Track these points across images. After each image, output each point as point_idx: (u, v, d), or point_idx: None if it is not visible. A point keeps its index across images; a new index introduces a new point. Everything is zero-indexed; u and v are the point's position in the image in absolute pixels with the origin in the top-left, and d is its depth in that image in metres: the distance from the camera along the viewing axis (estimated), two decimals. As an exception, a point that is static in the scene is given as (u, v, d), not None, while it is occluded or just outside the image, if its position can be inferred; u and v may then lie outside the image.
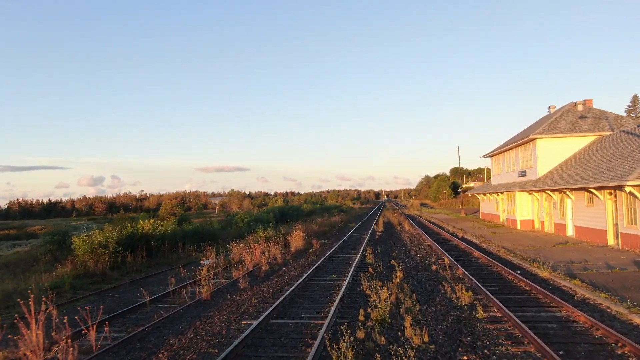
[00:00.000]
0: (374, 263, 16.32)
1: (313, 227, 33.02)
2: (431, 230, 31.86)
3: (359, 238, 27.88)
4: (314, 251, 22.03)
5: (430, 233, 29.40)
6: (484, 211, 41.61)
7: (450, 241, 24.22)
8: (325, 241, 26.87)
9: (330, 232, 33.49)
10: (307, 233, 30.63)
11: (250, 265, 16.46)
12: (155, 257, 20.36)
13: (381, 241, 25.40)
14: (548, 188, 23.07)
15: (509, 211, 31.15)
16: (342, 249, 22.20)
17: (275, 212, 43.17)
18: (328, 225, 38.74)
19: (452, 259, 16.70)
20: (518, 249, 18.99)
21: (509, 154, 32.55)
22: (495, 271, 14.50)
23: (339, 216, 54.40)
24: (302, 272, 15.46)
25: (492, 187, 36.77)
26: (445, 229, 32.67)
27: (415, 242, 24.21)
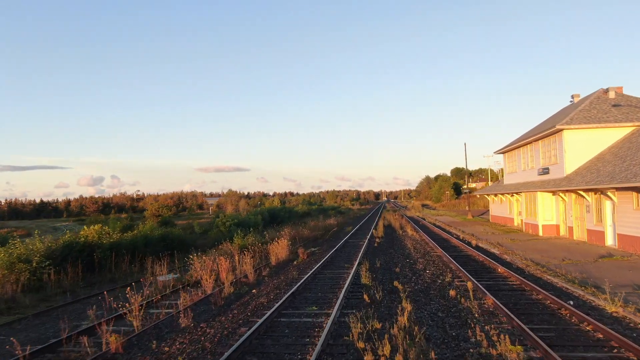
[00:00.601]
0: (371, 285, 12.39)
1: (304, 232, 29.10)
2: (438, 236, 27.91)
3: (355, 246, 23.94)
4: (298, 264, 18.10)
5: (437, 239, 25.48)
6: (495, 213, 37.66)
7: (463, 250, 20.29)
8: (315, 249, 22.94)
9: (324, 237, 29.60)
10: (297, 239, 26.79)
11: (209, 287, 12.53)
12: (101, 273, 16.42)
13: (381, 250, 21.46)
14: (582, 188, 19.14)
15: (527, 214, 27.20)
16: (333, 262, 18.26)
17: (264, 214, 39.22)
18: (322, 229, 34.81)
19: (473, 278, 12.79)
20: (552, 264, 15.08)
21: (526, 150, 28.62)
22: (537, 300, 10.57)
23: (335, 218, 50.46)
24: (274, 299, 11.54)
25: (505, 187, 32.84)
26: (454, 234, 28.73)
27: (422, 252, 20.29)
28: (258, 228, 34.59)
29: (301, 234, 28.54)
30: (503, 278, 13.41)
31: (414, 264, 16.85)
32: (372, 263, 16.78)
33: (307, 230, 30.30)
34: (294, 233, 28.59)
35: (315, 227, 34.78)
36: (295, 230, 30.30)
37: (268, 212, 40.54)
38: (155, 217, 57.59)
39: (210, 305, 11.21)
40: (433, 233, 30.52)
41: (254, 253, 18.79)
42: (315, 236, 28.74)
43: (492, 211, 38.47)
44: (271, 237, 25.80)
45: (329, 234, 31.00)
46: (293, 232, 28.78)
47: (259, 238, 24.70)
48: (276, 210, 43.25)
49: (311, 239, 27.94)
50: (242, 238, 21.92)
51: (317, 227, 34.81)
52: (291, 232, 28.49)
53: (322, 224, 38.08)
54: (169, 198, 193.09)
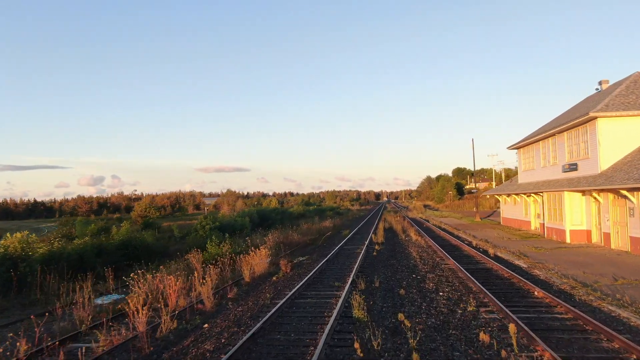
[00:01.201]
0: (367, 320, 8.90)
1: (293, 237, 25.59)
2: (446, 242, 24.38)
3: (350, 254, 20.44)
4: (278, 279, 14.59)
5: (446, 246, 21.97)
6: (507, 216, 34.12)
7: (481, 262, 16.77)
8: (303, 259, 19.44)
9: (316, 243, 26.12)
10: (283, 245, 23.30)
11: (142, 322, 9.00)
12: (21, 293, 12.90)
13: (380, 261, 17.96)
14: (627, 186, 15.62)
15: (549, 217, 23.66)
16: (322, 277, 14.77)
17: (252, 216, 35.70)
18: (315, 233, 31.31)
19: (505, 306, 9.32)
20: (603, 284, 11.58)
21: (547, 144, 25.09)
22: (613, 349, 7.06)
23: (332, 220, 46.96)
24: (227, 343, 8.05)
25: (520, 186, 29.31)
26: (464, 239, 25.20)
27: (430, 263, 16.78)
28: (244, 232, 31.14)
29: (290, 239, 25.03)
30: (547, 307, 9.87)
31: (422, 281, 13.34)
32: (369, 281, 13.28)
33: (297, 234, 26.80)
34: (282, 238, 25.11)
35: (308, 231, 31.27)
36: (284, 234, 26.81)
37: (257, 213, 37.03)
38: (141, 218, 54.18)
39: (132, 354, 7.71)
40: (440, 238, 26.99)
41: (225, 266, 15.31)
42: (306, 242, 25.28)
43: (504, 213, 34.92)
44: (255, 243, 22.37)
45: (323, 239, 27.51)
46: (281, 237, 25.29)
47: (238, 245, 21.25)
48: (266, 211, 39.72)
49: (301, 246, 24.46)
50: (216, 245, 18.42)
51: (310, 231, 31.31)
52: (279, 237, 25.01)
53: (317, 226, 34.59)
54: (167, 198, 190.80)
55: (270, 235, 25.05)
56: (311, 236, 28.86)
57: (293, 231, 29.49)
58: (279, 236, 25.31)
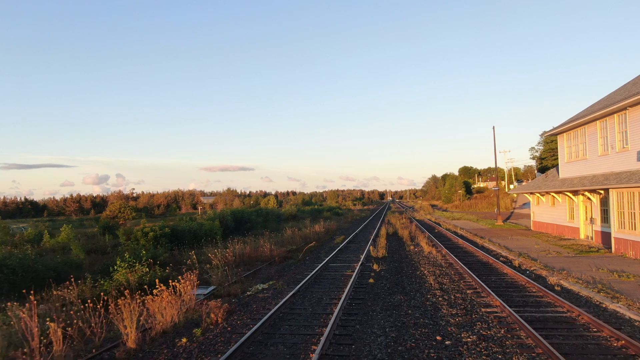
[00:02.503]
0: None
1: (264, 249, 19.04)
2: (473, 258, 17.76)
3: (334, 281, 13.91)
4: (186, 348, 8.05)
5: (475, 266, 15.41)
6: (540, 219, 27.41)
7: (550, 305, 10.11)
8: (261, 288, 12.90)
9: (295, 256, 19.57)
10: (245, 261, 16.92)
11: None
12: None
13: (379, 296, 11.40)
14: None
15: (620, 225, 16.94)
16: (270, 338, 8.22)
17: (226, 218, 29.13)
18: (300, 241, 24.79)
19: None
20: None
21: (610, 123, 18.41)
22: None
23: (328, 223, 40.37)
24: None
25: (565, 181, 22.60)
26: (496, 254, 18.56)
27: (461, 303, 10.19)
28: (214, 239, 24.70)
29: (259, 253, 18.50)
30: None
31: (458, 356, 6.77)
32: (357, 352, 6.76)
33: (272, 244, 20.23)
34: (250, 250, 18.61)
35: (291, 239, 24.73)
36: (254, 245, 20.29)
37: (233, 215, 30.45)
38: (111, 219, 47.93)
39: None
40: (461, 250, 20.37)
41: (125, 306, 8.87)
42: (281, 255, 18.76)
43: (536, 216, 28.18)
44: (207, 258, 16.01)
45: (305, 250, 20.95)
46: (247, 249, 18.78)
47: (186, 259, 14.86)
48: (245, 213, 33.11)
49: (272, 262, 17.91)
50: (129, 268, 11.93)
51: (293, 239, 24.75)
52: (243, 250, 18.53)
53: (304, 232, 28.05)
54: (164, 197, 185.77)
55: (235, 246, 18.63)
56: (292, 245, 22.31)
57: (268, 239, 22.95)
58: (243, 247, 18.81)
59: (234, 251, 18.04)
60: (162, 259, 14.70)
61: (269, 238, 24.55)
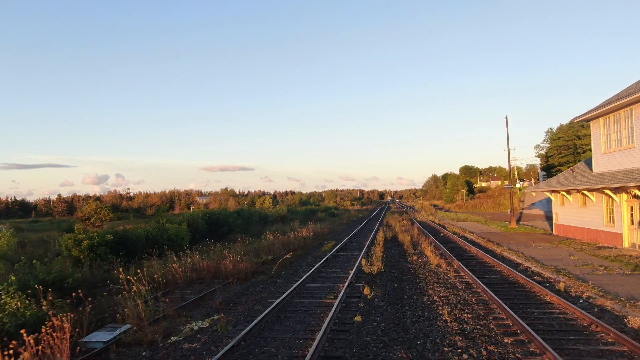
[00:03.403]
0: None
1: (227, 262, 14.87)
2: (496, 275, 13.61)
3: (308, 312, 9.78)
4: None
5: (504, 290, 11.29)
6: (565, 222, 23.29)
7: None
8: (199, 326, 8.76)
9: (268, 270, 15.41)
10: (193, 278, 12.83)
11: None
12: None
13: (367, 345, 7.26)
14: None
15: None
16: None
17: (196, 221, 24.87)
18: (280, 248, 20.70)
19: None
20: None
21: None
22: None
23: (319, 225, 36.26)
24: None
25: (603, 177, 18.49)
26: (525, 268, 14.39)
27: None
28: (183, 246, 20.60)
29: (224, 268, 14.35)
30: None
31: None
32: None
33: (237, 254, 16.08)
34: (206, 265, 14.46)
35: (270, 246, 20.62)
36: (216, 257, 16.14)
37: (206, 217, 26.19)
38: (82, 221, 43.72)
39: None
40: (476, 262, 16.24)
41: None
42: (249, 270, 14.62)
43: (560, 218, 24.05)
44: (165, 273, 11.98)
45: (282, 263, 16.78)
46: (204, 262, 14.63)
47: (63, 299, 10.78)
48: (222, 215, 28.76)
49: (237, 279, 13.76)
50: None
51: (271, 246, 20.64)
52: (199, 264, 14.41)
53: (289, 237, 23.90)
54: (159, 197, 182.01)
55: (186, 259, 14.52)
56: (269, 255, 18.19)
57: (242, 247, 18.84)
58: (200, 261, 14.67)
59: (184, 265, 13.92)
60: (70, 282, 10.57)
61: (243, 245, 20.44)
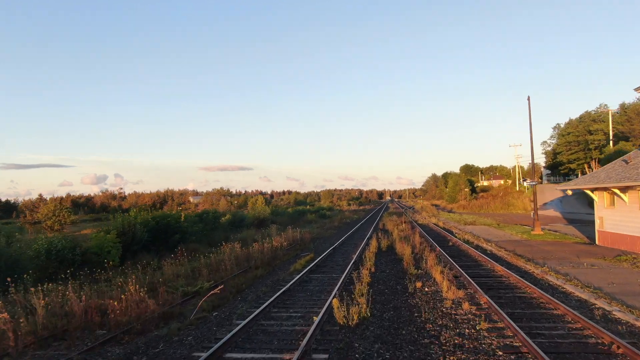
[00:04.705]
0: None
1: (112, 304, 9.32)
2: (565, 335, 8.06)
3: None
4: None
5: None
6: (612, 229, 17.76)
7: None
8: None
9: (186, 313, 9.86)
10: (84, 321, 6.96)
11: None
12: None
13: None
14: None
15: None
16: None
17: (133, 227, 19.07)
18: (233, 267, 15.14)
19: None
20: None
21: None
22: None
23: (305, 229, 30.80)
24: None
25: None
26: (607, 314, 8.78)
27: None
28: (109, 262, 15.06)
29: (112, 311, 8.82)
30: None
31: None
32: None
33: (138, 287, 10.55)
34: (82, 306, 8.91)
35: (219, 264, 15.06)
36: (107, 291, 10.58)
37: (145, 222, 20.25)
38: (33, 224, 38.12)
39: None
40: (513, 294, 10.71)
41: None
42: (155, 314, 9.13)
43: (606, 224, 18.48)
44: None
45: (216, 295, 11.19)
46: (73, 307, 9.08)
47: None
48: (173, 218, 22.83)
49: (136, 328, 8.28)
50: None
51: (220, 264, 15.07)
52: (73, 303, 8.85)
53: (254, 249, 18.36)
54: (154, 197, 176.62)
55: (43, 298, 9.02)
56: (209, 280, 12.66)
57: (172, 266, 13.30)
58: (74, 300, 9.11)
59: (47, 306, 8.38)
60: None
61: (182, 263, 14.90)
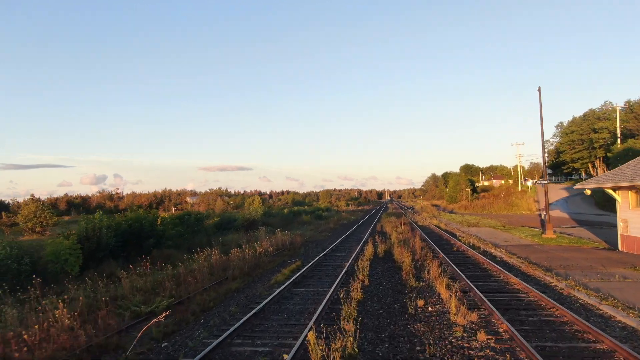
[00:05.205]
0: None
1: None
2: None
3: None
4: None
5: None
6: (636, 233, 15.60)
7: None
8: None
9: (125, 345, 7.67)
10: None
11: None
12: None
13: None
14: None
15: None
16: None
17: (98, 233, 16.67)
18: (205, 278, 12.97)
19: None
20: None
21: None
22: None
23: (298, 231, 28.68)
24: None
25: None
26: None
27: None
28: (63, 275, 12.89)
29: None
30: None
31: None
32: None
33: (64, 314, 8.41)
34: None
35: (192, 274, 12.89)
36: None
37: (114, 226, 17.86)
38: (9, 227, 35.96)
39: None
40: (539, 319, 8.58)
41: None
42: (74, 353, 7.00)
43: (630, 228, 16.33)
44: None
45: (155, 327, 8.99)
46: None
47: None
48: (148, 221, 20.20)
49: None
50: None
51: (193, 274, 12.90)
52: None
53: (234, 256, 16.23)
54: (151, 197, 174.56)
55: None
56: (169, 297, 10.54)
57: (116, 287, 11.14)
58: None
59: None
60: None
61: (141, 274, 12.74)
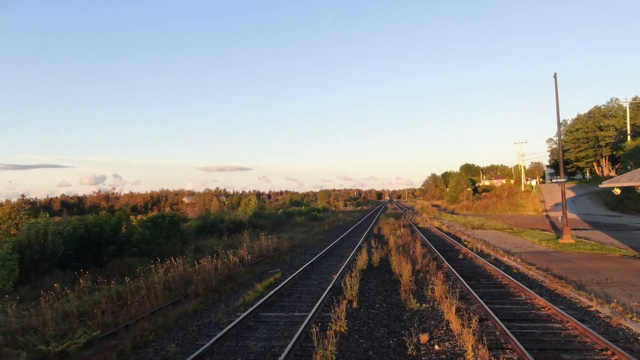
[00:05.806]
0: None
1: None
2: None
3: None
4: None
5: None
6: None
7: None
8: None
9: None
10: None
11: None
12: None
13: None
14: None
15: None
16: None
17: (42, 239, 14.09)
18: (160, 297, 10.43)
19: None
20: None
21: None
22: None
23: (282, 236, 26.16)
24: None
25: None
26: None
27: None
28: None
29: None
30: None
31: None
32: None
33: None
34: None
35: (147, 288, 10.34)
36: None
37: (63, 232, 15.28)
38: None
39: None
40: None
41: None
42: None
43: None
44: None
45: None
46: None
47: None
48: (109, 225, 17.64)
49: None
50: None
51: (134, 294, 10.36)
52: None
53: (193, 270, 13.73)
54: (147, 198, 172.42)
55: None
56: (91, 330, 8.02)
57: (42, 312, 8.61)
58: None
59: None
60: None
61: (76, 292, 10.20)
